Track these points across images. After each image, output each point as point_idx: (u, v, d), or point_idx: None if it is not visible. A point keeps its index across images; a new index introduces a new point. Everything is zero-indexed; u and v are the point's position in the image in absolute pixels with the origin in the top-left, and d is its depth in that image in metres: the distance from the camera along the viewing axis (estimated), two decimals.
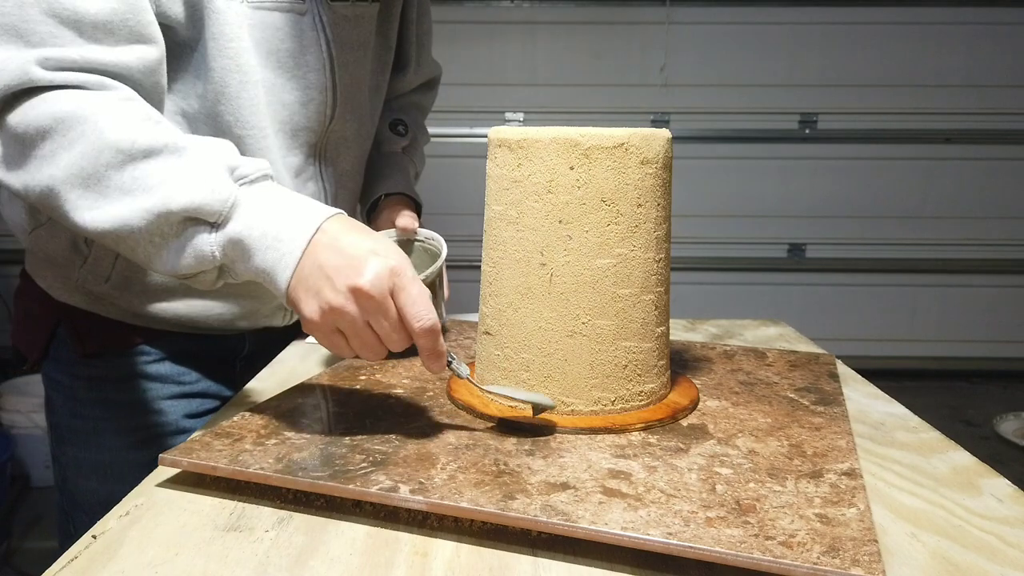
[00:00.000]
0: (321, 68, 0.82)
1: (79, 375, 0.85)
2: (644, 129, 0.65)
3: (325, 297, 0.57)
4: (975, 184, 3.01)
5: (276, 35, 0.77)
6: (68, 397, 0.86)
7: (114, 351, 0.85)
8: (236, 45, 0.74)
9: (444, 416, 0.67)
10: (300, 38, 0.79)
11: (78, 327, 0.84)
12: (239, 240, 0.60)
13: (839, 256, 3.06)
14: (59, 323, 0.85)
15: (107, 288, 0.81)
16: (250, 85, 0.76)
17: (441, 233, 0.90)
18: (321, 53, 0.81)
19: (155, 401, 0.86)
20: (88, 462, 0.86)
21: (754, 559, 0.44)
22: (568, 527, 0.48)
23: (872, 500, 0.55)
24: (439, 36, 1.18)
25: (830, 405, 0.72)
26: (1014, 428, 2.62)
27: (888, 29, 2.90)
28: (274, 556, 0.48)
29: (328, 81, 0.83)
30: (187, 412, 0.88)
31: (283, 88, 0.80)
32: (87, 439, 0.86)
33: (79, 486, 0.87)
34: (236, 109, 0.76)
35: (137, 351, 0.86)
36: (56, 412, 0.88)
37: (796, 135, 2.98)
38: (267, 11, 0.76)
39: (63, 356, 0.86)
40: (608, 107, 2.93)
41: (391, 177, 1.01)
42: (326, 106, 0.84)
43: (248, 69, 0.75)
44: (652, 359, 0.68)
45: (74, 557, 0.48)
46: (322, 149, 0.87)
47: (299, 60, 0.80)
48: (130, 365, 0.85)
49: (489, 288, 0.70)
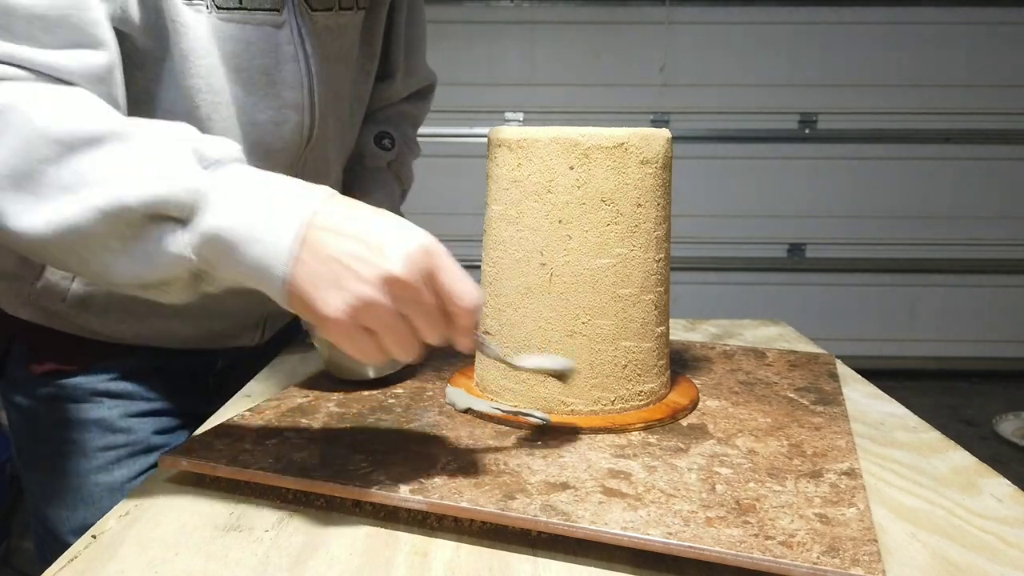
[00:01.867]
0: (298, 85, 0.74)
1: (37, 395, 0.79)
2: (644, 129, 0.65)
3: (352, 290, 0.48)
4: (975, 184, 3.01)
5: (247, 50, 0.69)
6: (27, 420, 0.80)
7: (73, 369, 0.78)
8: (207, 62, 0.67)
9: (444, 416, 0.67)
10: (275, 53, 0.71)
11: (33, 343, 0.78)
12: (215, 236, 0.50)
13: (839, 256, 3.06)
14: (12, 339, 0.79)
15: (63, 307, 0.75)
16: (222, 106, 0.69)
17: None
18: (299, 69, 0.73)
19: (122, 419, 0.80)
20: (56, 488, 0.80)
21: (754, 559, 0.44)
22: (568, 527, 0.48)
23: (872, 500, 0.55)
24: (439, 36, 1.16)
25: (830, 405, 0.72)
26: (1014, 428, 2.62)
27: (888, 29, 2.90)
28: (274, 556, 0.48)
29: (306, 99, 0.75)
30: (157, 429, 0.82)
31: (255, 107, 0.72)
32: (52, 464, 0.79)
33: (49, 514, 0.81)
34: (207, 129, 0.68)
35: (99, 367, 0.79)
36: (17, 437, 0.82)
37: (796, 135, 2.98)
38: (238, 24, 0.68)
39: (19, 375, 0.79)
40: (608, 107, 2.94)
41: (373, 195, 0.92)
42: (303, 127, 0.76)
43: (219, 88, 0.68)
44: (652, 359, 0.68)
45: (74, 557, 0.48)
46: (301, 169, 0.79)
47: (273, 77, 0.72)
48: (92, 382, 0.79)
49: (489, 288, 0.70)
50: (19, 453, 0.83)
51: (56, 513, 0.80)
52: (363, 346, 0.50)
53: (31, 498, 0.83)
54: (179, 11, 0.64)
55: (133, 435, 0.80)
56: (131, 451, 0.80)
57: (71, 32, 0.55)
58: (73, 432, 0.79)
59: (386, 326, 0.49)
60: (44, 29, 0.54)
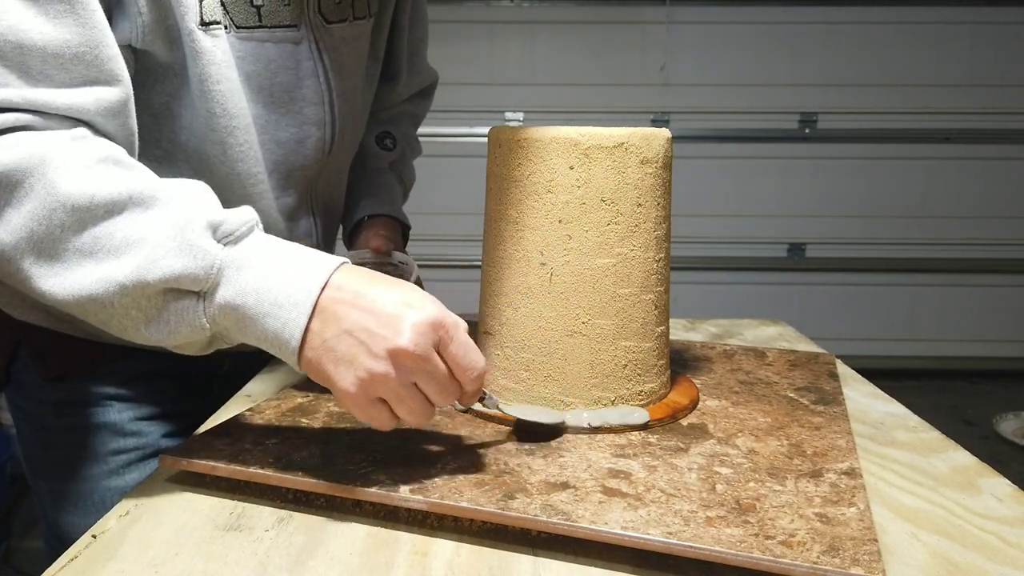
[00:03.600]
0: (319, 101, 0.74)
1: (45, 400, 0.78)
2: (644, 128, 0.65)
3: (363, 365, 0.50)
4: (975, 184, 3.01)
5: (269, 68, 0.69)
6: (36, 426, 0.79)
7: (82, 373, 0.77)
8: (223, 88, 0.66)
9: (444, 416, 0.67)
10: (296, 70, 0.71)
11: (41, 348, 0.77)
12: (232, 309, 0.52)
13: (839, 256, 3.06)
14: (19, 344, 0.78)
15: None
16: (239, 130, 0.69)
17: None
18: (319, 84, 0.74)
19: (131, 423, 0.79)
20: (66, 494, 0.79)
21: (754, 559, 0.44)
22: (568, 527, 0.48)
23: (872, 500, 0.55)
24: (438, 36, 1.16)
25: (830, 404, 0.72)
26: (1014, 428, 2.61)
27: (888, 29, 2.90)
28: (274, 556, 0.48)
29: (327, 115, 0.76)
30: (165, 432, 0.82)
31: (277, 125, 0.72)
32: (62, 470, 0.79)
33: (60, 520, 0.80)
34: (222, 152, 0.69)
35: (107, 371, 0.78)
36: (26, 443, 0.81)
37: (796, 135, 2.98)
38: (258, 42, 0.68)
39: (26, 380, 0.78)
40: (608, 107, 2.93)
41: (376, 196, 0.93)
42: (324, 142, 0.77)
43: (237, 112, 0.68)
44: (652, 358, 0.68)
45: (74, 557, 0.48)
46: (315, 184, 0.81)
47: (294, 94, 0.72)
48: (101, 387, 0.78)
49: (489, 288, 0.70)
50: (28, 460, 0.82)
51: (68, 519, 0.80)
52: (376, 415, 0.52)
53: (42, 505, 0.82)
54: (195, 37, 0.63)
55: (143, 439, 0.80)
56: (141, 455, 0.80)
57: (87, 69, 0.55)
58: (83, 437, 0.78)
59: (397, 396, 0.51)
60: (60, 67, 0.54)
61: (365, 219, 0.91)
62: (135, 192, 0.53)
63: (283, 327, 0.51)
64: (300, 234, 0.81)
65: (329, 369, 0.51)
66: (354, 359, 0.50)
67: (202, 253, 0.51)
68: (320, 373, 0.52)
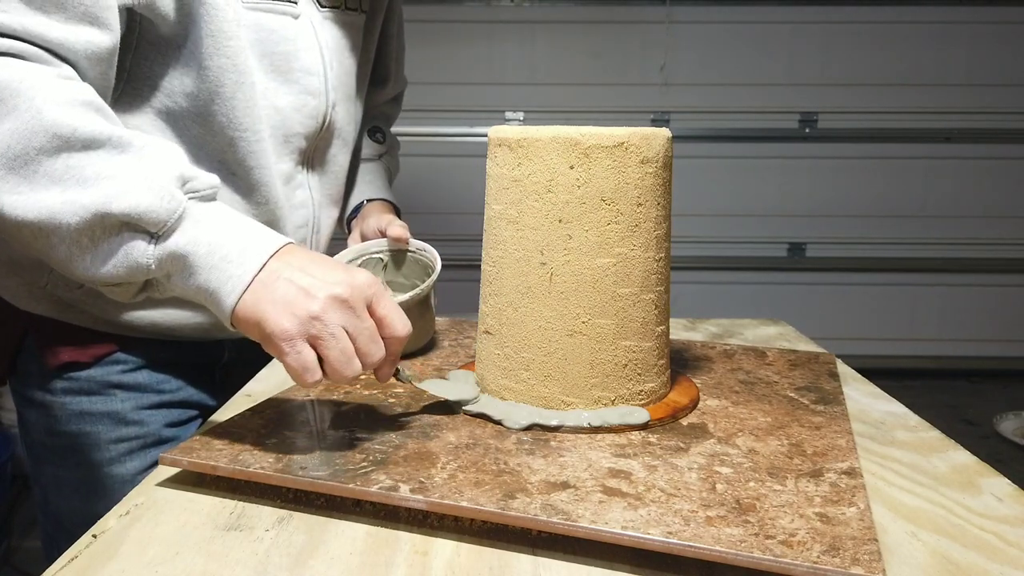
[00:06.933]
0: (316, 72, 0.81)
1: (52, 389, 0.80)
2: (644, 128, 0.65)
3: (300, 304, 0.54)
4: (975, 184, 3.01)
5: (271, 37, 0.76)
6: (42, 414, 0.82)
7: (86, 362, 0.80)
8: (234, 44, 0.71)
9: (444, 416, 0.67)
10: (295, 40, 0.78)
11: (47, 337, 0.79)
12: (182, 255, 0.56)
13: (839, 255, 3.06)
14: (26, 334, 0.80)
15: (79, 294, 0.77)
16: (246, 86, 0.73)
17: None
18: (319, 57, 0.80)
19: (134, 412, 0.82)
20: (69, 480, 0.82)
21: (754, 558, 0.44)
22: (568, 526, 0.48)
23: (872, 499, 0.55)
24: (438, 36, 1.19)
25: (830, 404, 0.72)
26: (1014, 427, 2.61)
27: (888, 29, 2.89)
28: (274, 555, 0.48)
29: (323, 86, 0.82)
30: (168, 422, 0.84)
31: (277, 92, 0.78)
32: (66, 456, 0.81)
33: (61, 507, 0.83)
34: (230, 109, 0.73)
35: (112, 360, 0.81)
36: (31, 430, 0.83)
37: (796, 135, 2.97)
38: (262, 12, 0.74)
39: (32, 370, 0.81)
40: (608, 106, 2.93)
41: (372, 183, 1.02)
42: (319, 112, 0.83)
43: (245, 69, 0.73)
44: (652, 358, 0.68)
45: (74, 556, 0.48)
46: (311, 157, 0.86)
47: (293, 63, 0.78)
48: (105, 375, 0.81)
49: (489, 287, 0.70)
50: (31, 448, 0.85)
51: (68, 505, 0.83)
52: (303, 359, 0.55)
53: (42, 491, 0.85)
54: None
55: (145, 427, 0.83)
56: (143, 443, 0.82)
57: (84, 11, 0.60)
58: (87, 424, 0.81)
59: (331, 336, 0.55)
60: (58, 5, 0.58)
61: (364, 203, 0.99)
62: (114, 136, 0.57)
63: (224, 282, 0.55)
64: (296, 204, 0.85)
65: (267, 308, 0.54)
66: (293, 300, 0.54)
67: (169, 196, 0.55)
68: (255, 313, 0.55)
